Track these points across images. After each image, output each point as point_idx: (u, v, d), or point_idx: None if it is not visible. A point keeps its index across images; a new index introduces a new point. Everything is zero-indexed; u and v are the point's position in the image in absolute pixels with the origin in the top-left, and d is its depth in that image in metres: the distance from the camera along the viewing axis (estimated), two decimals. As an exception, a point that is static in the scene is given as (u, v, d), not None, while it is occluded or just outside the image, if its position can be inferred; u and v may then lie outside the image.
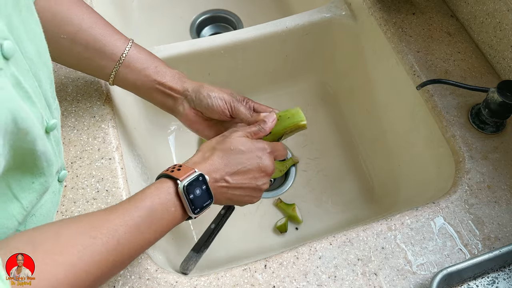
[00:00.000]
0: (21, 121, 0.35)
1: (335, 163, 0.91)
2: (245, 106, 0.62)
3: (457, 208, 0.61)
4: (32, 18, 0.41)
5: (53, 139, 0.45)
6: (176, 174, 0.50)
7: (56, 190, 0.50)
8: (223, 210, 0.63)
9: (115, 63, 0.59)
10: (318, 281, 0.55)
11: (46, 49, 0.44)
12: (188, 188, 0.49)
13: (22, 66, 0.37)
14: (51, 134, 0.44)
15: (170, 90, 0.62)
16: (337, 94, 0.98)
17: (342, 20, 0.87)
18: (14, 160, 0.37)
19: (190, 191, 0.49)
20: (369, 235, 0.58)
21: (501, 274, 0.57)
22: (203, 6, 1.14)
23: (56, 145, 0.46)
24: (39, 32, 0.43)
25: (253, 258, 0.58)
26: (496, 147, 0.66)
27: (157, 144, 0.89)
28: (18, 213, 0.41)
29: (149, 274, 0.55)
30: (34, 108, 0.39)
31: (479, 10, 0.75)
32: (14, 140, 0.35)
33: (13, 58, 0.35)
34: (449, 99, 0.71)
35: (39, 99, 0.41)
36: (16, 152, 0.37)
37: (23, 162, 0.39)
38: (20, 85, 0.36)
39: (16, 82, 0.36)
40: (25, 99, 0.37)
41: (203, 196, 0.51)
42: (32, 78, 0.40)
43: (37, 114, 0.40)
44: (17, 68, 0.36)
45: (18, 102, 0.35)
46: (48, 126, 0.43)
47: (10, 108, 0.33)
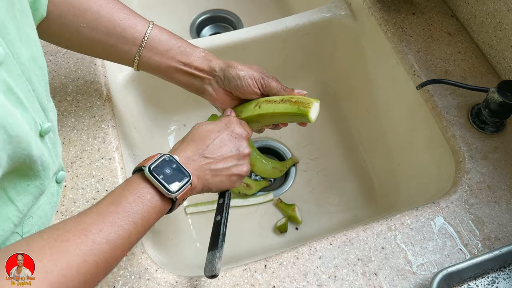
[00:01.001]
0: (10, 128, 0.35)
1: (335, 163, 0.91)
2: (276, 81, 0.61)
3: (457, 208, 0.61)
4: (27, 22, 0.41)
5: (48, 142, 0.45)
6: (141, 164, 0.48)
7: (54, 191, 0.50)
8: (220, 198, 0.59)
9: (137, 48, 0.58)
10: (318, 281, 0.55)
11: (41, 52, 0.44)
12: (154, 170, 0.47)
13: (14, 71, 0.37)
14: (46, 137, 0.44)
15: (196, 70, 0.60)
16: (337, 94, 0.98)
17: (342, 20, 0.87)
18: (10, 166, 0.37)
19: (158, 172, 0.47)
20: (369, 235, 0.58)
21: (501, 274, 0.57)
22: (203, 6, 1.14)
23: (52, 147, 0.46)
24: (33, 35, 0.42)
25: (253, 258, 0.58)
26: (496, 147, 0.66)
27: (157, 144, 0.89)
28: (14, 215, 0.41)
29: (149, 274, 0.55)
30: (26, 113, 0.39)
31: (479, 10, 0.75)
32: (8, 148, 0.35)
33: (4, 64, 0.35)
34: (449, 99, 0.71)
35: (31, 103, 0.40)
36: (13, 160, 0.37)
37: (19, 166, 0.39)
38: (11, 91, 0.36)
39: (7, 88, 0.36)
40: (16, 105, 0.37)
41: (176, 174, 0.48)
42: (25, 82, 0.39)
43: (29, 119, 0.40)
44: (8, 73, 0.36)
45: (7, 109, 0.34)
46: (43, 129, 0.43)
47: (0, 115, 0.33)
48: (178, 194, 0.47)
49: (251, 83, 0.59)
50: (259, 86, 0.60)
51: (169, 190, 0.47)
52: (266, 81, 0.60)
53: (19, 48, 0.38)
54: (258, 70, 0.60)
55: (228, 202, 0.59)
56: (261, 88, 0.60)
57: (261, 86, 0.60)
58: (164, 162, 0.48)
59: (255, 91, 0.60)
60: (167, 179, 0.47)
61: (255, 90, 0.60)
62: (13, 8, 0.37)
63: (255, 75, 0.60)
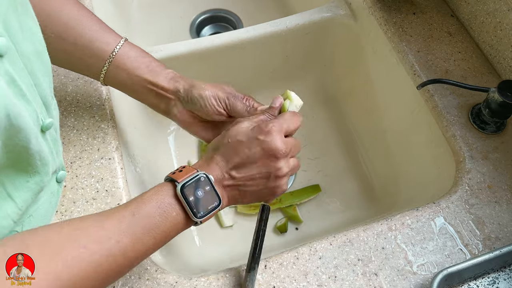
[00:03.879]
0: (14, 117, 0.34)
1: (335, 163, 0.91)
2: (243, 102, 0.57)
3: (458, 208, 0.61)
4: (28, 16, 0.41)
5: (49, 138, 0.45)
6: (176, 176, 0.46)
7: (55, 190, 0.50)
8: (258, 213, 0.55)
9: (104, 62, 0.56)
10: (318, 281, 0.55)
11: (45, 48, 0.43)
12: (187, 190, 0.45)
13: (17, 64, 0.37)
14: (47, 133, 0.44)
15: (162, 90, 0.58)
16: (337, 94, 0.98)
17: (342, 20, 0.87)
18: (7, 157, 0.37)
19: (190, 192, 0.45)
20: (369, 235, 0.58)
21: (502, 274, 0.57)
22: (203, 5, 1.14)
23: (53, 144, 0.46)
24: (36, 30, 0.42)
25: (253, 258, 0.58)
26: (497, 147, 0.66)
27: (157, 144, 0.89)
28: (13, 212, 0.40)
29: (149, 274, 0.55)
30: (29, 106, 0.39)
31: (480, 9, 0.75)
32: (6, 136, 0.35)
33: (7, 56, 0.35)
34: (450, 99, 0.71)
35: (34, 97, 0.40)
36: (8, 149, 0.36)
37: (16, 160, 0.39)
38: (14, 83, 0.36)
39: (10, 79, 0.35)
40: (19, 97, 0.37)
41: (208, 198, 0.46)
42: (27, 76, 0.39)
43: (32, 112, 0.39)
44: (11, 65, 0.35)
45: (11, 99, 0.34)
46: (44, 125, 0.42)
47: (4, 104, 0.33)
48: (204, 218, 0.46)
49: (215, 103, 0.56)
50: (224, 106, 0.57)
51: (196, 215, 0.46)
52: (231, 102, 0.56)
53: (22, 42, 0.38)
54: (225, 90, 0.57)
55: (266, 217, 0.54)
56: (225, 108, 0.57)
57: (225, 106, 0.57)
58: (198, 182, 0.46)
59: (219, 111, 0.57)
60: (197, 203, 0.46)
61: (221, 111, 0.57)
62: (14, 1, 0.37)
63: (220, 94, 0.56)
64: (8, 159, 0.37)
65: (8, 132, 0.35)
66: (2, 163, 0.37)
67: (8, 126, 0.34)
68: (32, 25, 0.41)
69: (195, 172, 0.47)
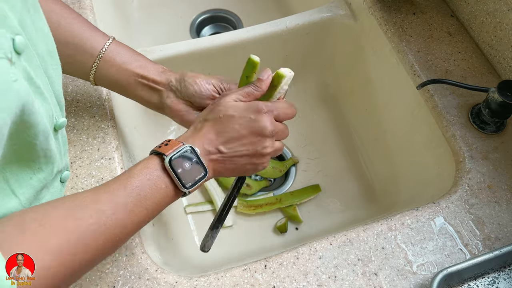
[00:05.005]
0: (27, 114, 0.35)
1: (335, 163, 0.91)
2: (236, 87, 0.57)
3: (458, 208, 0.61)
4: (39, 17, 0.41)
5: (60, 138, 0.45)
6: (162, 149, 0.48)
7: (58, 190, 0.50)
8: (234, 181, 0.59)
9: (94, 58, 0.57)
10: (318, 281, 0.55)
11: (55, 48, 0.44)
12: (175, 162, 0.47)
13: (34, 62, 0.38)
14: (59, 132, 0.45)
15: (153, 83, 0.58)
16: (337, 94, 0.98)
17: (342, 20, 0.87)
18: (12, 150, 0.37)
19: (178, 165, 0.47)
20: (369, 235, 0.58)
21: (502, 274, 0.57)
22: (203, 5, 1.14)
23: (63, 144, 0.47)
24: (47, 31, 0.42)
25: (253, 258, 0.58)
26: (497, 147, 0.66)
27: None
28: (16, 209, 0.41)
29: (149, 274, 0.55)
30: (46, 104, 0.39)
31: (480, 9, 0.75)
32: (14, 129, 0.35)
33: (24, 53, 0.35)
34: (450, 99, 0.71)
35: (50, 95, 0.41)
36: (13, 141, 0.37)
37: (21, 154, 0.39)
38: (31, 80, 0.36)
39: (28, 76, 0.36)
40: (37, 95, 0.37)
41: (194, 169, 0.48)
42: (43, 74, 0.40)
43: (48, 110, 0.40)
44: (28, 63, 0.36)
45: (31, 96, 0.35)
46: (57, 124, 0.43)
47: (22, 100, 0.33)
48: (192, 189, 0.48)
49: (210, 87, 0.57)
50: (219, 90, 0.58)
51: (185, 186, 0.48)
52: (225, 86, 0.58)
53: (36, 42, 0.38)
54: (218, 77, 0.59)
55: (239, 187, 0.58)
56: (221, 92, 0.58)
57: (220, 90, 0.58)
58: (185, 154, 0.48)
59: (214, 96, 0.57)
60: (185, 175, 0.48)
61: (215, 94, 0.58)
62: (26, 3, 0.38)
63: (213, 81, 0.58)
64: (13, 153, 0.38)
65: (18, 127, 0.35)
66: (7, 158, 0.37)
67: (19, 121, 0.35)
68: (43, 26, 0.42)
69: (181, 145, 0.49)
